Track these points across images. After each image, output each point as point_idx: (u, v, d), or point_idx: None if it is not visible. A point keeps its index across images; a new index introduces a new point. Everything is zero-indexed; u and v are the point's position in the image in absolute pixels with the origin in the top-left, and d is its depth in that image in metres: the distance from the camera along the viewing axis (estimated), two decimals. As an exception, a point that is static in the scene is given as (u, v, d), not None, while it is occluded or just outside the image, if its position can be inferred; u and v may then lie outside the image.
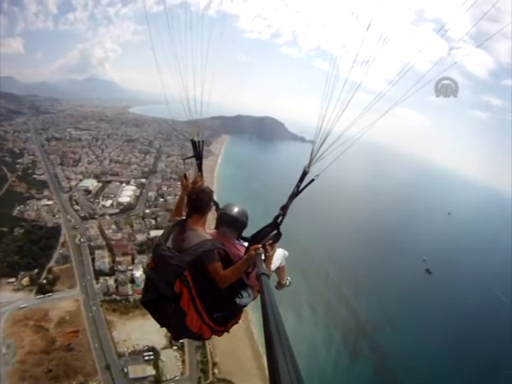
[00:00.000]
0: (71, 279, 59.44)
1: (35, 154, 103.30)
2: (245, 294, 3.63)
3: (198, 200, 3.66)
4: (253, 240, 3.81)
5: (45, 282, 57.61)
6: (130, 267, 62.03)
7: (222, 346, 49.35)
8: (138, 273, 59.20)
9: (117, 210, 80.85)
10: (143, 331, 49.63)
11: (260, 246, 3.30)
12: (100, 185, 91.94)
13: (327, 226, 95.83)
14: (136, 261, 63.75)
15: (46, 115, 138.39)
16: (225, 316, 3.55)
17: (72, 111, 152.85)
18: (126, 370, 44.96)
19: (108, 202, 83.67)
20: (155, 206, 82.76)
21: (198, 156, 4.65)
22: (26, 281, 56.86)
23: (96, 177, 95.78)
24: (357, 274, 74.13)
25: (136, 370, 44.91)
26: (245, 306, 3.70)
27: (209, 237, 3.51)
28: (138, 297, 55.18)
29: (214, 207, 4.14)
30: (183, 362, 47.38)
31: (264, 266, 3.02)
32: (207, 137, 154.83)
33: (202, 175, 4.61)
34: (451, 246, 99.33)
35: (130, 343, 48.82)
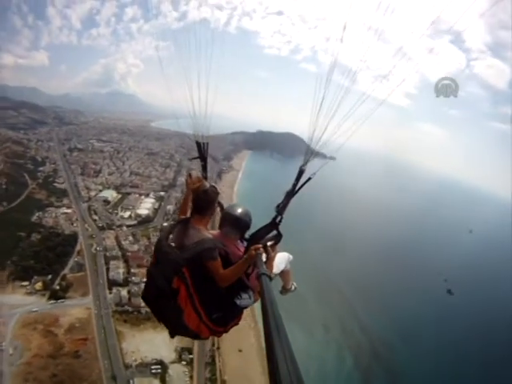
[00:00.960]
0: (84, 287, 61.82)
1: (57, 162, 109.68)
2: (245, 295, 3.76)
3: (199, 200, 3.86)
4: (251, 240, 3.94)
5: (58, 288, 60.35)
6: (145, 279, 63.62)
7: (232, 363, 49.72)
8: (152, 285, 60.84)
9: (135, 222, 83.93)
10: (153, 344, 50.86)
11: (260, 245, 3.47)
12: (119, 196, 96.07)
13: (344, 239, 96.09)
14: (150, 274, 65.47)
15: (70, 126, 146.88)
16: (224, 317, 3.70)
17: (95, 123, 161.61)
18: (131, 381, 45.94)
19: (126, 214, 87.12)
20: (173, 220, 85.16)
21: (203, 157, 4.88)
22: (39, 285, 59.66)
23: (116, 188, 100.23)
24: (373, 292, 73.34)
25: (142, 383, 45.73)
26: (245, 307, 3.84)
27: (210, 236, 3.70)
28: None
29: (218, 208, 4.36)
30: (191, 377, 47.94)
31: (264, 266, 3.20)
32: (228, 152, 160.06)
33: (206, 176, 4.89)
34: (474, 266, 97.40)
35: (139, 355, 49.90)
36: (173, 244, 3.71)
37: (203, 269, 3.44)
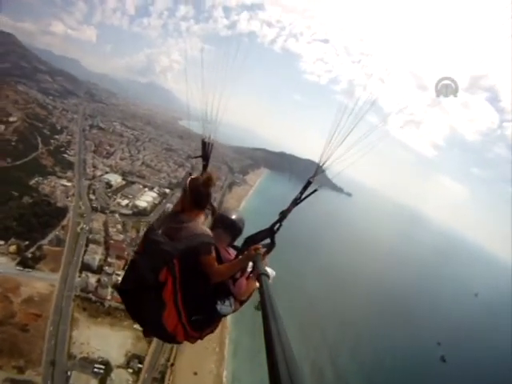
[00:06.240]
0: (56, 263, 62.04)
1: (74, 135, 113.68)
2: (227, 302, 3.77)
3: (206, 194, 3.70)
4: (248, 242, 3.92)
5: (30, 256, 60.88)
6: (119, 272, 63.32)
7: (184, 385, 47.88)
8: (125, 280, 60.43)
9: (129, 212, 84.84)
10: (105, 342, 50.04)
11: (260, 246, 3.53)
12: (123, 183, 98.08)
13: (344, 283, 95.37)
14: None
15: (99, 104, 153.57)
16: (202, 321, 3.62)
17: (124, 108, 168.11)
18: (69, 373, 44.82)
19: (124, 202, 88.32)
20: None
21: (206, 157, 4.84)
22: (13, 248, 60.52)
23: (122, 174, 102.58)
24: (363, 346, 70.93)
25: (79, 379, 44.55)
26: (224, 315, 3.81)
27: (208, 231, 3.60)
28: (114, 304, 56.16)
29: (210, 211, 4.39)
30: (134, 388, 46.35)
31: (263, 266, 3.21)
32: (245, 166, 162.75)
33: None
34: (474, 332, 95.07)
35: (86, 348, 48.87)
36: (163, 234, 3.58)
37: (195, 264, 3.36)
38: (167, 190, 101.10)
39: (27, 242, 63.10)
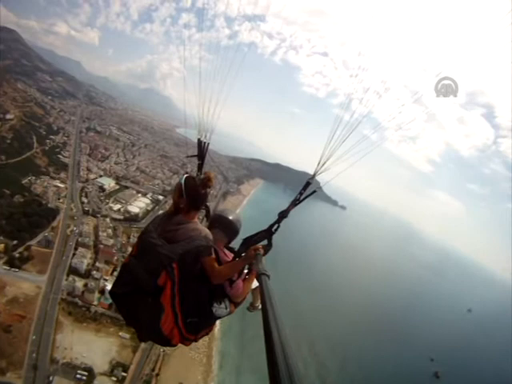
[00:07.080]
0: (44, 265, 61.44)
1: (70, 136, 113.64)
2: (222, 304, 3.77)
3: (204, 195, 3.63)
4: (245, 243, 3.90)
5: (17, 256, 60.27)
6: (107, 277, 62.95)
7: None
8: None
9: (121, 217, 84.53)
10: (89, 348, 49.42)
11: (260, 246, 3.51)
12: (117, 187, 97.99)
13: (337, 298, 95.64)
14: (116, 273, 64.67)
15: (97, 107, 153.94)
16: (198, 323, 3.56)
17: (122, 112, 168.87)
18: (51, 378, 44.15)
19: (116, 206, 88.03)
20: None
21: (201, 156, 4.74)
22: (0, 247, 59.82)
23: (116, 178, 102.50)
24: (354, 362, 70.17)
25: (61, 384, 43.91)
26: (219, 317, 3.79)
27: (208, 232, 3.52)
28: (100, 309, 55.73)
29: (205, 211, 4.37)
30: (116, 397, 45.72)
31: (264, 266, 3.23)
32: (241, 176, 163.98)
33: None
34: (467, 348, 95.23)
35: (69, 354, 48.18)
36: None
37: (194, 266, 3.32)
38: (160, 197, 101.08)
39: (15, 242, 62.43)
